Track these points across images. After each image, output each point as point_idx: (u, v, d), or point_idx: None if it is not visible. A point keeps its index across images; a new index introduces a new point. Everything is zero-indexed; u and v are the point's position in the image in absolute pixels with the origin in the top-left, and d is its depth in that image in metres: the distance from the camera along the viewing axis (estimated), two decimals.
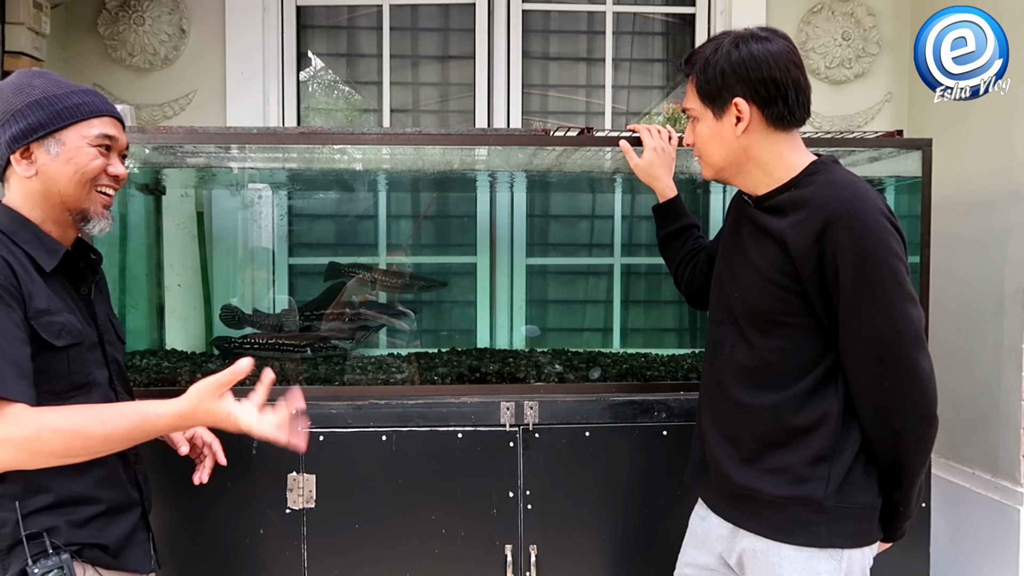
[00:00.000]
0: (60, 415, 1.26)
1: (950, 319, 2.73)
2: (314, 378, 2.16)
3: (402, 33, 3.11)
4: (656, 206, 1.92)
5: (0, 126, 1.38)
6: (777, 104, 1.44)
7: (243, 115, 2.89)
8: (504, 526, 2.02)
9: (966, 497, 2.66)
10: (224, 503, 1.96)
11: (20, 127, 1.38)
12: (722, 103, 1.47)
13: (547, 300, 2.96)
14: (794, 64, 1.45)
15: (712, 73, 1.46)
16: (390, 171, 2.55)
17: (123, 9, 2.86)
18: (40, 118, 1.38)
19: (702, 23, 3.13)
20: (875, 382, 1.38)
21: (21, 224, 1.39)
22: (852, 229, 1.35)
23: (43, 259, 1.39)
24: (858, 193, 1.39)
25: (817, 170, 1.46)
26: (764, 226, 1.47)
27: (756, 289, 1.47)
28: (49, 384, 1.35)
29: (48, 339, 1.34)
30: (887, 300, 1.35)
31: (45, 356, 1.35)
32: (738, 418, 1.51)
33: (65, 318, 1.38)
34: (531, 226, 2.90)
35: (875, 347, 1.36)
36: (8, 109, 1.38)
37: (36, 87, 1.40)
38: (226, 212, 2.59)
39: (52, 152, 1.39)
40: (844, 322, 1.38)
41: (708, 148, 1.53)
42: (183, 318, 2.44)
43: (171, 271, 2.53)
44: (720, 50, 1.45)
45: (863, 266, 1.35)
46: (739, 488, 1.50)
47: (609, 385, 2.14)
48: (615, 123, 3.15)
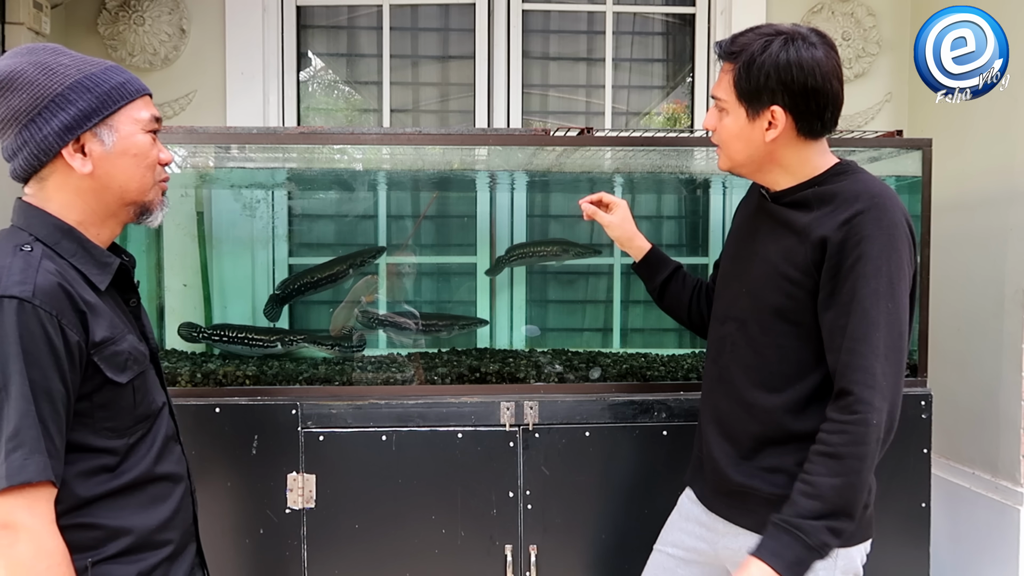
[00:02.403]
0: (64, 565, 1.10)
1: (950, 319, 2.73)
2: (314, 378, 2.16)
3: (402, 33, 3.11)
4: (639, 262, 1.84)
5: (37, 115, 1.14)
6: (812, 118, 1.42)
7: (243, 115, 2.89)
8: (504, 526, 2.02)
9: (966, 497, 2.66)
10: (224, 503, 1.96)
11: (70, 115, 1.15)
12: (759, 106, 1.42)
13: (547, 300, 2.96)
14: (837, 78, 1.42)
15: (756, 73, 1.39)
16: (390, 171, 2.55)
17: (123, 9, 2.86)
18: (90, 102, 1.16)
19: (702, 23, 3.13)
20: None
21: (64, 233, 1.18)
22: (881, 222, 1.36)
23: (95, 275, 1.19)
24: (888, 193, 1.41)
25: (844, 170, 1.46)
26: (786, 220, 1.46)
27: (766, 282, 1.47)
28: (111, 421, 1.18)
29: (111, 376, 1.17)
30: (893, 296, 1.35)
31: (107, 391, 1.17)
32: (737, 416, 1.52)
33: (129, 343, 1.21)
34: (531, 226, 2.90)
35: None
36: (43, 94, 1.14)
37: (66, 65, 1.17)
38: (226, 212, 2.59)
39: (108, 143, 1.18)
40: (837, 304, 1.37)
41: (732, 144, 1.49)
42: (183, 318, 2.44)
43: (171, 271, 2.53)
44: (769, 50, 1.39)
45: (887, 259, 1.35)
46: (736, 486, 1.50)
47: (609, 385, 2.14)
48: (615, 123, 3.15)
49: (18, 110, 1.15)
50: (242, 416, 1.97)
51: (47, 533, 1.09)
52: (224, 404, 1.97)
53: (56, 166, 1.18)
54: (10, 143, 1.17)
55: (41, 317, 1.08)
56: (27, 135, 1.15)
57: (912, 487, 2.06)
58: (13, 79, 1.14)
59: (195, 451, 1.58)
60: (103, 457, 1.18)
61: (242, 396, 2.00)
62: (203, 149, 2.15)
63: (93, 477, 1.17)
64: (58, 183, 1.19)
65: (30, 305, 1.08)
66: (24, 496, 1.07)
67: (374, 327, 2.54)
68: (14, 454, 1.05)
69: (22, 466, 1.05)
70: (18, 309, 1.07)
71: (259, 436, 1.97)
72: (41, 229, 1.17)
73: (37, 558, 1.07)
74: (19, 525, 1.07)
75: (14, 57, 1.17)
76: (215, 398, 1.98)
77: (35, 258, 1.13)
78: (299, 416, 1.97)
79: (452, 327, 2.61)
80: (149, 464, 1.24)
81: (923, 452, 2.06)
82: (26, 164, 1.17)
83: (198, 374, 2.13)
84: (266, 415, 1.97)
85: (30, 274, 1.10)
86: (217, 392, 2.02)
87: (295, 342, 2.39)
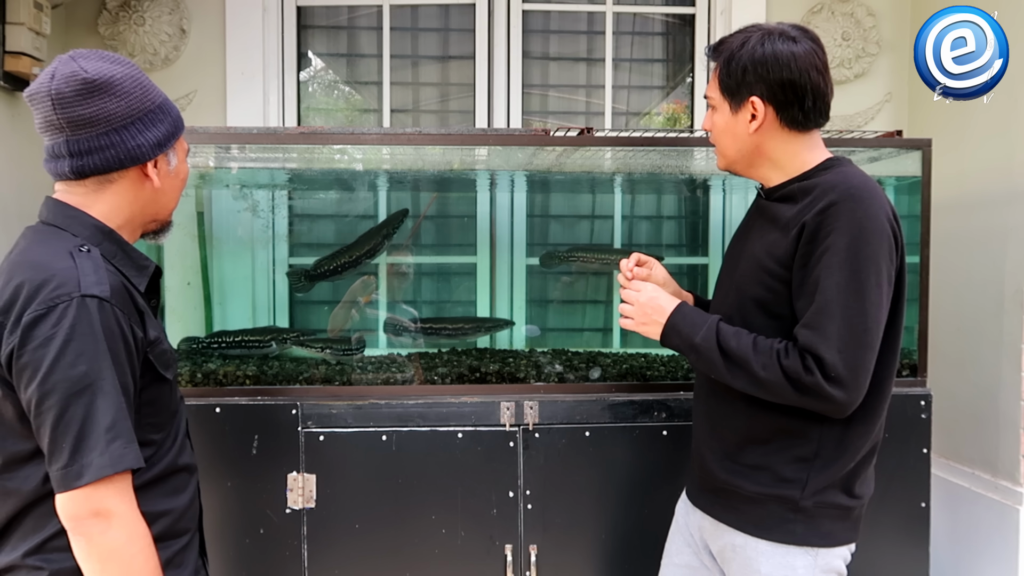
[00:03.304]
0: (152, 547, 1.18)
1: (950, 319, 2.73)
2: (314, 378, 2.16)
3: (402, 33, 3.11)
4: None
5: (131, 124, 1.21)
6: (793, 108, 1.45)
7: (243, 115, 2.89)
8: (504, 526, 2.02)
9: (966, 497, 2.66)
10: (224, 503, 1.96)
11: (162, 132, 1.25)
12: (740, 99, 1.47)
13: (547, 300, 2.96)
14: (816, 69, 1.44)
15: (734, 67, 1.45)
16: (390, 171, 2.55)
17: (123, 9, 2.86)
18: (172, 125, 1.28)
19: (702, 23, 3.13)
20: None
21: (105, 235, 1.24)
22: (854, 214, 1.36)
23: (134, 277, 1.26)
24: (868, 186, 1.40)
25: (831, 165, 1.47)
26: (773, 215, 1.48)
27: (750, 276, 1.48)
28: (155, 416, 1.26)
29: (161, 371, 1.25)
30: (857, 292, 1.35)
31: (154, 388, 1.25)
32: (723, 412, 1.53)
33: (168, 344, 1.29)
34: (531, 226, 2.90)
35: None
36: (139, 107, 1.22)
37: (152, 85, 1.26)
38: (226, 212, 2.59)
39: (172, 163, 1.30)
40: (806, 291, 1.38)
41: (722, 140, 1.53)
42: (183, 318, 2.44)
43: (171, 271, 2.53)
44: (747, 45, 1.44)
45: (855, 252, 1.35)
46: (721, 483, 1.52)
47: (609, 385, 2.14)
48: (615, 123, 3.15)
49: (112, 114, 1.19)
50: (242, 416, 1.97)
51: (136, 518, 1.16)
52: (224, 404, 1.97)
53: (129, 173, 1.24)
54: (88, 140, 1.19)
55: (118, 316, 1.16)
56: (115, 139, 1.20)
57: (912, 487, 2.06)
58: (111, 84, 1.19)
59: (195, 451, 1.59)
60: (145, 450, 1.22)
61: (242, 396, 2.00)
62: (203, 149, 2.15)
63: (136, 471, 1.21)
64: (122, 188, 1.24)
65: (109, 304, 1.15)
66: (115, 484, 1.13)
67: (400, 334, 2.55)
68: (114, 443, 1.12)
69: (122, 455, 1.12)
70: (99, 308, 1.13)
71: (259, 436, 1.97)
72: (82, 230, 1.21)
73: (130, 542, 1.14)
74: (112, 512, 1.13)
75: (106, 62, 1.21)
76: (215, 398, 1.98)
77: (99, 259, 1.18)
78: (299, 416, 1.98)
79: (479, 329, 2.61)
80: (174, 456, 1.30)
81: (923, 452, 2.06)
82: (102, 164, 1.21)
83: (198, 374, 2.13)
84: (266, 415, 1.98)
85: (102, 275, 1.16)
86: (217, 392, 2.02)
87: (299, 342, 2.38)
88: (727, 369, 1.42)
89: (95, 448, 1.11)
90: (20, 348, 1.12)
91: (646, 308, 1.54)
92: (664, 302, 1.52)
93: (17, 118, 2.57)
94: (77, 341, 1.11)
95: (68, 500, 1.12)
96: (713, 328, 1.45)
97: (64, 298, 1.12)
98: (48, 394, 1.11)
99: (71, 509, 1.13)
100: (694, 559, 1.63)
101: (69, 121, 1.18)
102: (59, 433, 1.11)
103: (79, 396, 1.11)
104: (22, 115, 2.59)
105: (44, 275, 1.14)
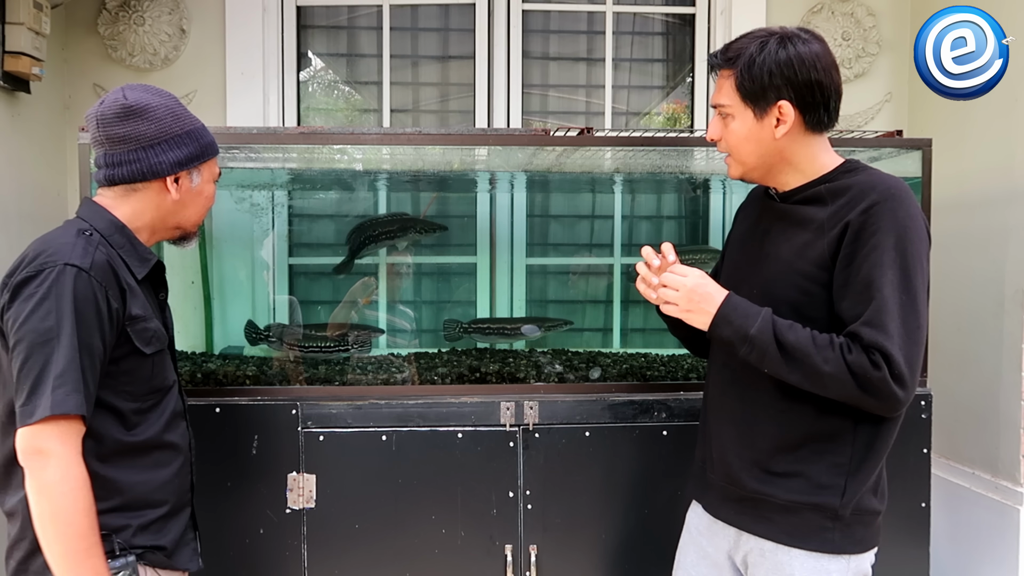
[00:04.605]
0: (85, 491, 1.29)
1: (950, 319, 2.73)
2: (314, 378, 2.16)
3: (402, 33, 3.11)
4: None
5: (156, 144, 1.42)
6: (819, 109, 1.43)
7: (243, 115, 2.88)
8: (504, 526, 2.02)
9: (966, 497, 2.66)
10: (224, 503, 1.96)
11: (184, 154, 1.45)
12: (765, 104, 1.43)
13: (547, 300, 2.96)
14: (835, 68, 1.44)
15: (758, 72, 1.41)
16: (390, 171, 2.55)
17: (123, 9, 2.86)
18: (196, 149, 1.48)
19: (702, 23, 3.13)
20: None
21: (117, 229, 1.44)
22: (897, 213, 1.36)
23: (136, 266, 1.45)
24: (905, 187, 1.41)
25: (855, 167, 1.47)
26: (800, 218, 1.46)
27: (782, 280, 1.46)
28: (130, 386, 1.41)
29: (139, 346, 1.40)
30: (908, 290, 1.35)
31: (132, 360, 1.40)
32: (756, 417, 1.49)
33: (155, 324, 1.45)
34: (531, 226, 2.90)
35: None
36: (167, 131, 1.43)
37: (186, 115, 1.48)
38: (226, 212, 2.59)
39: (194, 182, 1.50)
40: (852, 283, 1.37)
41: (743, 148, 1.49)
42: (183, 318, 2.43)
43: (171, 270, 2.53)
44: (766, 49, 1.41)
45: (902, 251, 1.35)
46: (750, 492, 1.48)
47: (609, 385, 2.14)
48: (615, 123, 3.15)
49: (142, 134, 1.42)
50: (242, 416, 1.97)
51: (74, 462, 1.28)
52: (224, 404, 1.97)
53: (151, 184, 1.45)
54: (120, 155, 1.42)
55: (93, 286, 1.33)
56: (142, 155, 1.42)
57: (912, 487, 2.06)
58: (145, 110, 1.42)
59: (196, 451, 1.59)
60: (118, 416, 1.39)
61: (242, 396, 2.00)
62: None
63: (108, 433, 1.37)
64: (144, 197, 1.46)
65: (86, 274, 1.33)
66: (59, 427, 1.27)
67: (459, 336, 2.57)
68: (59, 390, 1.26)
69: (63, 400, 1.26)
70: (76, 275, 1.32)
71: (259, 436, 1.98)
72: (101, 223, 1.43)
73: (63, 481, 1.26)
74: (50, 452, 1.26)
75: (147, 93, 1.45)
76: (215, 398, 1.98)
77: (94, 241, 1.39)
78: (299, 416, 1.98)
79: (537, 329, 2.62)
80: (158, 431, 1.44)
81: (923, 452, 2.06)
82: (129, 175, 1.43)
83: (198, 374, 2.13)
84: (266, 415, 1.98)
85: (89, 251, 1.36)
86: (217, 392, 2.02)
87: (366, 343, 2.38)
88: (784, 362, 1.37)
89: (44, 392, 1.26)
90: (9, 303, 1.33)
91: (693, 295, 1.44)
92: (713, 290, 1.44)
93: (17, 118, 2.56)
94: (51, 300, 1.29)
95: (20, 436, 1.28)
96: (769, 320, 1.39)
97: (50, 264, 1.32)
98: (19, 342, 1.30)
99: (20, 444, 1.28)
100: (712, 571, 1.59)
101: (108, 138, 1.42)
102: (23, 376, 1.29)
103: (42, 347, 1.28)
104: (22, 115, 2.59)
105: (44, 247, 1.36)
